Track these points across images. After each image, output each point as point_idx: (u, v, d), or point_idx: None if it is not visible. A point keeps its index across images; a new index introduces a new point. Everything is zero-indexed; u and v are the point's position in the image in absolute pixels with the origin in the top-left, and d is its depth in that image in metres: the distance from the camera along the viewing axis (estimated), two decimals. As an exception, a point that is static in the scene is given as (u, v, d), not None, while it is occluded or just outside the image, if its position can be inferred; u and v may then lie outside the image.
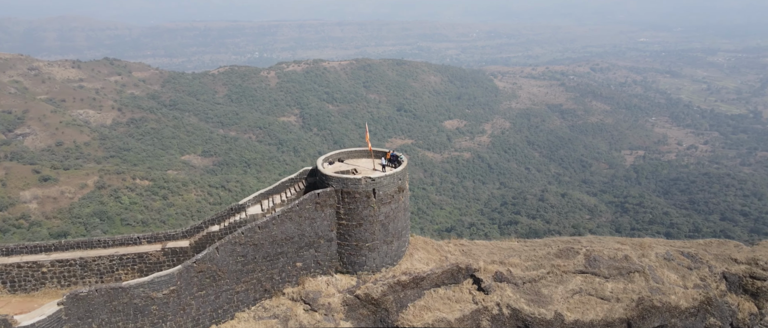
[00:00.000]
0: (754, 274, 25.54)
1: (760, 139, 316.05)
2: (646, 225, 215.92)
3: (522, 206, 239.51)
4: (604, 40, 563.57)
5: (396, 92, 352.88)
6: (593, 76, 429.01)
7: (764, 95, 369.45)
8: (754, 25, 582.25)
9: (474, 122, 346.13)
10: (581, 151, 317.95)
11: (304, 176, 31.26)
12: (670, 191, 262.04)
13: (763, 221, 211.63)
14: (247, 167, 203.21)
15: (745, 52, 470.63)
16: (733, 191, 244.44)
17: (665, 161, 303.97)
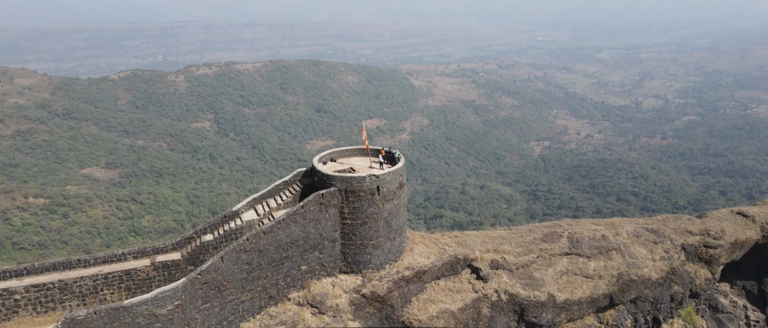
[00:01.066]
0: (707, 243, 29.75)
1: (642, 126, 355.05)
2: (556, 210, 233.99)
3: (445, 199, 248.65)
4: (507, 39, 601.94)
5: (314, 93, 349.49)
6: (500, 73, 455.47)
7: (643, 88, 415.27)
8: (631, 25, 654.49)
9: (394, 121, 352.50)
10: (495, 145, 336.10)
11: (298, 177, 30.77)
12: (574, 177, 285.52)
13: (650, 199, 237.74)
14: (160, 176, 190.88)
15: (625, 49, 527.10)
16: (624, 174, 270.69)
17: (567, 150, 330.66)
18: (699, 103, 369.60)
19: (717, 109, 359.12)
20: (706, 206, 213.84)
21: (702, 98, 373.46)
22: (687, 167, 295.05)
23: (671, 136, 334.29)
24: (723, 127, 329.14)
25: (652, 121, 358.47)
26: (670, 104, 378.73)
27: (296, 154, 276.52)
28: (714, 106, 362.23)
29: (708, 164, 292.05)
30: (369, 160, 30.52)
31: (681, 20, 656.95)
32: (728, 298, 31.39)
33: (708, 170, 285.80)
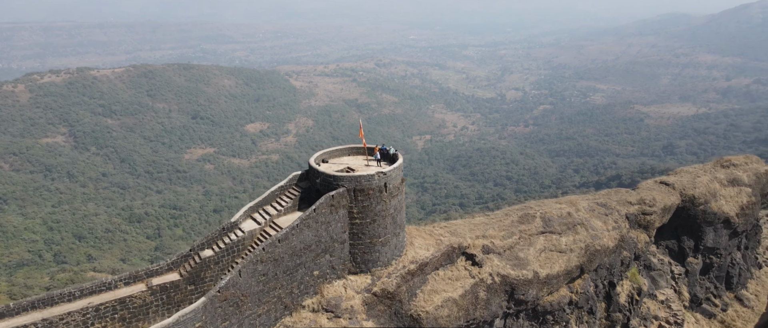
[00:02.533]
0: (644, 211, 35.04)
1: (508, 116, 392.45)
2: (444, 199, 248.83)
3: None
4: (382, 38, 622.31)
5: (188, 99, 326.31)
6: (379, 71, 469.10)
7: (505, 81, 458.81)
8: (489, 24, 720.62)
9: (277, 123, 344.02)
10: (380, 141, 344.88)
11: (294, 181, 29.83)
12: (455, 167, 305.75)
13: (522, 182, 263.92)
14: (4, 202, 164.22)
15: (486, 46, 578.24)
16: (498, 160, 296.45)
17: (447, 142, 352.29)
18: (550, 93, 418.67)
19: (564, 98, 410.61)
20: (566, 184, 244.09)
21: (552, 89, 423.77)
22: (547, 150, 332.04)
23: (532, 124, 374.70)
24: (570, 113, 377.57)
25: (515, 111, 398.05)
26: (528, 95, 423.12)
27: (173, 165, 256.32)
28: (562, 96, 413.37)
29: (562, 147, 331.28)
30: (362, 159, 30.42)
31: (529, 20, 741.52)
32: (656, 257, 37.35)
33: (563, 152, 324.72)
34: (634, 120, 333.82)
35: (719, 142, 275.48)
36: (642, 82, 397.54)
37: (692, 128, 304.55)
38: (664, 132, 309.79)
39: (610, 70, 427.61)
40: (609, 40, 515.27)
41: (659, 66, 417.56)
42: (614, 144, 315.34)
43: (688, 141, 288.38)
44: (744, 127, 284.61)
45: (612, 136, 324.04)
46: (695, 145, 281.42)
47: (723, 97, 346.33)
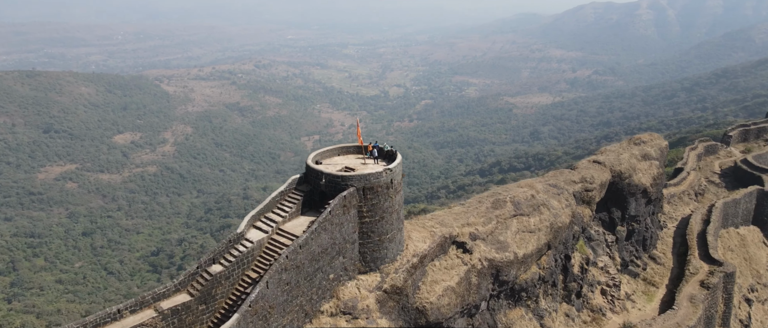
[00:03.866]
0: (586, 188, 39.22)
1: (393, 112, 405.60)
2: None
3: (229, 208, 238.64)
4: (258, 38, 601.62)
5: (36, 111, 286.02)
6: (259, 72, 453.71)
7: (387, 78, 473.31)
8: (365, 23, 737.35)
9: (151, 133, 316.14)
10: (268, 145, 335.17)
11: (293, 185, 28.16)
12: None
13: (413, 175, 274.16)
14: None
15: (365, 45, 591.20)
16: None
17: (336, 141, 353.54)
18: (430, 88, 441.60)
19: (442, 92, 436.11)
20: (453, 173, 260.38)
21: (431, 84, 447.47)
22: (432, 143, 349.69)
23: (416, 118, 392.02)
24: (449, 107, 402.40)
25: (399, 107, 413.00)
26: (410, 91, 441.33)
27: (24, 187, 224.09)
28: (440, 91, 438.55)
29: (445, 139, 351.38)
30: (353, 158, 29.85)
31: (403, 19, 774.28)
32: (593, 228, 42.10)
33: (446, 144, 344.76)
34: (504, 110, 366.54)
35: (573, 127, 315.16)
36: (507, 76, 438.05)
37: (551, 115, 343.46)
38: (529, 120, 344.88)
39: (480, 65, 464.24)
40: (476, 37, 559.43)
41: (520, 61, 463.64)
42: (490, 133, 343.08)
43: (549, 127, 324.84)
44: (590, 112, 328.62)
45: (488, 126, 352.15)
46: (555, 131, 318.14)
47: (572, 87, 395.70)
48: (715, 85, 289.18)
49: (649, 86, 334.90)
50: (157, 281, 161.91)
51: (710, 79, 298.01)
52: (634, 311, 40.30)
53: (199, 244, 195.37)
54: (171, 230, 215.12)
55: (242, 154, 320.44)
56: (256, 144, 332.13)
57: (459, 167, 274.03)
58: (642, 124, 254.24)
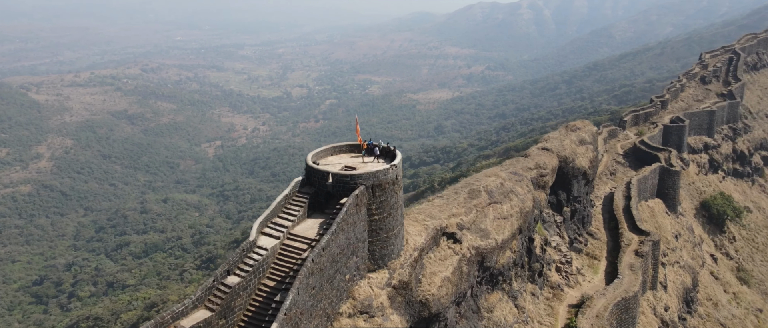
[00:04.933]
0: (541, 173, 41.87)
1: (297, 113, 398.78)
2: (250, 204, 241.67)
3: (125, 224, 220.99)
4: (143, 40, 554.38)
5: None
6: (147, 77, 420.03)
7: (288, 79, 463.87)
8: (261, 23, 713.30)
9: (20, 148, 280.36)
10: (165, 154, 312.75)
11: (296, 188, 26.76)
12: (255, 170, 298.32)
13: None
14: None
15: (263, 45, 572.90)
16: (297, 158, 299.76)
17: (241, 146, 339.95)
18: (333, 88, 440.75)
19: (346, 91, 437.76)
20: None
21: (334, 84, 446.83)
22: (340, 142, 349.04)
23: (321, 118, 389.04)
24: (355, 105, 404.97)
25: (303, 107, 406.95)
26: (313, 92, 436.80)
27: None
28: (344, 90, 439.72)
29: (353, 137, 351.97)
30: (348, 157, 29.19)
31: (300, 18, 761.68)
32: (544, 211, 45.24)
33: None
34: (408, 107, 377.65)
35: (473, 120, 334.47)
36: (408, 73, 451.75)
37: (452, 110, 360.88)
38: (433, 115, 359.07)
39: (381, 63, 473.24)
40: (375, 36, 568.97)
41: (419, 58, 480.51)
42: (397, 130, 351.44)
43: (451, 121, 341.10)
44: (487, 105, 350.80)
45: (394, 122, 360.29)
46: (457, 124, 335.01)
47: (468, 82, 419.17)
48: (588, 77, 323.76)
49: (535, 80, 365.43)
50: (43, 313, 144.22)
51: (584, 72, 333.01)
52: (585, 283, 44.14)
53: (92, 266, 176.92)
54: (56, 255, 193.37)
55: (135, 165, 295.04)
56: (151, 154, 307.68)
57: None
58: (533, 115, 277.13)
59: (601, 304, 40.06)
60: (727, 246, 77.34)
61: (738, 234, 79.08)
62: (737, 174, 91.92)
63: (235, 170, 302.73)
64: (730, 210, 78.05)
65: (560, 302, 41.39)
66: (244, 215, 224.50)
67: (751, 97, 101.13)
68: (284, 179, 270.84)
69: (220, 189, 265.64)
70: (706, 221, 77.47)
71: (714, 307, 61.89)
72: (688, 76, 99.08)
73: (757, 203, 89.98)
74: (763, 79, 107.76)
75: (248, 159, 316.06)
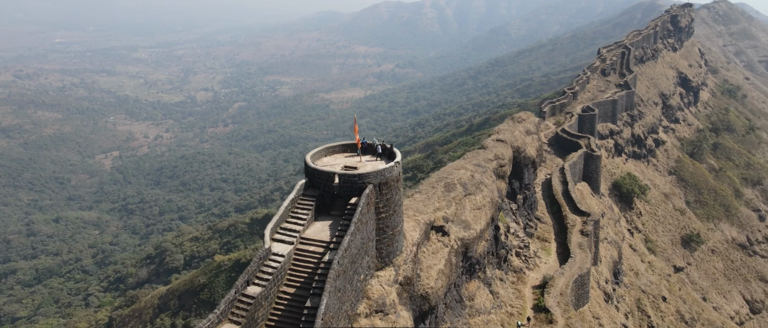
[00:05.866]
0: (500, 164, 43.56)
1: (204, 118, 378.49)
2: (159, 217, 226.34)
3: (8, 250, 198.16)
4: (12, 42, 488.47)
5: None
6: (22, 84, 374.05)
7: (191, 83, 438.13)
8: (155, 23, 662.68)
9: None
10: (51, 168, 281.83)
11: (301, 191, 25.76)
12: (161, 180, 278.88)
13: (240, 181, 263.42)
14: None
15: (159, 47, 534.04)
16: (208, 165, 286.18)
17: (143, 156, 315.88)
18: (241, 90, 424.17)
19: (256, 93, 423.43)
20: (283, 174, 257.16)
21: (242, 86, 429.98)
22: (253, 146, 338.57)
23: (231, 122, 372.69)
24: (265, 107, 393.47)
25: (210, 112, 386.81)
26: (220, 95, 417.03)
27: None
28: (253, 91, 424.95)
29: (267, 140, 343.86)
30: (342, 157, 28.25)
31: (199, 18, 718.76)
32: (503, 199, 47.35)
33: (269, 145, 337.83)
34: (321, 107, 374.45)
35: (387, 117, 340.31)
36: (318, 73, 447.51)
37: (366, 108, 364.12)
38: (347, 114, 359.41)
39: (290, 63, 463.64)
40: (281, 36, 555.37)
41: (328, 57, 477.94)
42: (311, 130, 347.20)
43: (366, 119, 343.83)
44: (400, 102, 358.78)
45: (308, 123, 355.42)
46: (372, 122, 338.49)
47: (379, 80, 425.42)
48: (492, 73, 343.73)
49: (443, 76, 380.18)
50: None
51: (488, 68, 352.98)
52: (542, 265, 47.00)
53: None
54: None
55: (16, 183, 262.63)
56: (34, 169, 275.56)
57: (287, 168, 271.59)
58: (445, 110, 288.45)
59: (562, 282, 42.98)
60: (635, 221, 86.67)
61: (643, 209, 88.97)
62: (636, 156, 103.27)
63: (138, 181, 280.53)
64: (637, 188, 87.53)
65: (524, 284, 43.70)
66: (154, 229, 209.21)
67: (641, 86, 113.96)
68: (194, 187, 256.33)
69: (122, 203, 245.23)
70: (618, 200, 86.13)
71: (635, 276, 69.17)
72: (591, 69, 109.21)
73: (653, 180, 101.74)
74: (649, 71, 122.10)
75: (153, 169, 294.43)
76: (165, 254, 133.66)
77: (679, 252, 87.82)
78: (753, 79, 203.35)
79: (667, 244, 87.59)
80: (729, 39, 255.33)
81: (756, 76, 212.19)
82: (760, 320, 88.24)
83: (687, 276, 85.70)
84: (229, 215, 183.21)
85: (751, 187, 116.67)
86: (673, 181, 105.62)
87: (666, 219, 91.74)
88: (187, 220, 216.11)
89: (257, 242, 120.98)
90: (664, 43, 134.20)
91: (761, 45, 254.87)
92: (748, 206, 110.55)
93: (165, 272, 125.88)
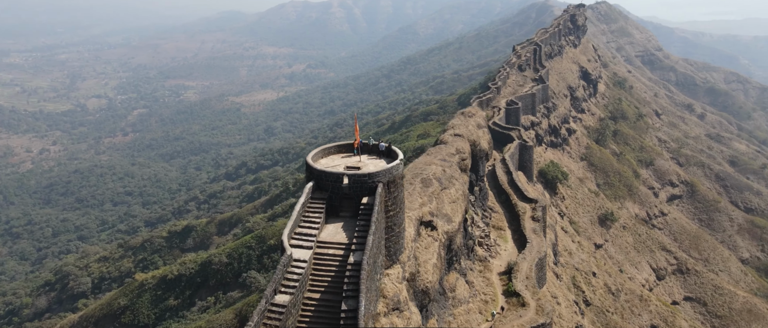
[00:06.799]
0: (463, 158, 44.39)
1: (98, 128, 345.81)
2: (53, 239, 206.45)
3: None
4: None
5: None
6: None
7: (80, 89, 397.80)
8: (29, 24, 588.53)
9: None
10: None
11: (310, 194, 24.58)
12: (52, 198, 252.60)
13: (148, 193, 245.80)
14: None
15: (37, 51, 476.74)
16: (108, 177, 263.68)
17: (26, 172, 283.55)
18: (140, 96, 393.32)
19: (157, 99, 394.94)
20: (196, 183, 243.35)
21: (140, 92, 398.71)
22: (159, 155, 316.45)
23: (131, 131, 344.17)
24: (170, 114, 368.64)
25: (106, 120, 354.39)
26: (115, 102, 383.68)
27: None
28: (154, 97, 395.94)
29: (175, 148, 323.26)
30: (340, 157, 27.12)
31: (83, 19, 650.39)
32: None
33: (177, 153, 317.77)
34: (232, 111, 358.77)
35: (303, 119, 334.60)
36: (226, 76, 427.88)
37: (280, 110, 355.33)
38: (260, 117, 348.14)
39: (194, 66, 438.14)
40: (181, 37, 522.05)
41: (235, 59, 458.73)
42: (223, 136, 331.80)
43: (281, 122, 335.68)
44: (315, 103, 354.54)
45: (219, 128, 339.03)
46: (288, 125, 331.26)
47: (291, 82, 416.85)
48: (404, 71, 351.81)
49: (357, 75, 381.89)
50: None
51: (400, 66, 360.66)
52: (503, 252, 48.94)
53: None
54: None
55: None
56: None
57: (200, 176, 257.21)
58: (362, 109, 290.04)
59: (526, 267, 45.09)
60: (560, 205, 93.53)
61: (566, 194, 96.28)
62: (553, 145, 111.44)
63: (22, 201, 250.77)
64: (560, 174, 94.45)
65: (491, 272, 45.20)
66: (48, 253, 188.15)
67: (552, 80, 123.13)
68: (94, 203, 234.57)
69: (5, 227, 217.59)
70: (545, 186, 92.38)
71: (569, 255, 74.69)
72: (509, 65, 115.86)
73: (569, 166, 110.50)
74: (557, 65, 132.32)
75: (40, 186, 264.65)
76: (67, 278, 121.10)
77: (598, 231, 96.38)
78: (634, 71, 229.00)
79: (588, 224, 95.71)
80: (611, 36, 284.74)
81: (635, 69, 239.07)
82: (665, 286, 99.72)
83: (606, 252, 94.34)
84: (140, 231, 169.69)
85: (646, 167, 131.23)
86: (585, 166, 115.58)
87: (585, 201, 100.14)
88: (88, 239, 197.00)
89: (180, 256, 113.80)
90: (567, 40, 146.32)
91: (636, 41, 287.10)
92: (644, 185, 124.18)
93: (69, 299, 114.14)
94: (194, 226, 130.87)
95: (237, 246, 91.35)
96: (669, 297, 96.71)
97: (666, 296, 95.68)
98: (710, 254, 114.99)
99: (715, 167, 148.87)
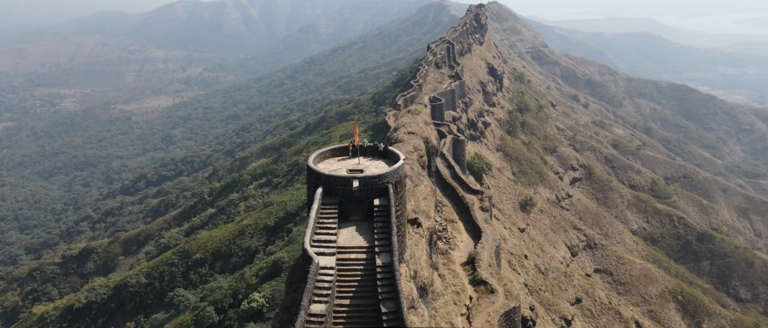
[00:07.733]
0: (421, 155, 44.07)
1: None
2: None
3: None
4: None
5: None
6: None
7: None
8: None
9: None
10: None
11: (320, 199, 22.91)
12: None
13: (26, 217, 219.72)
14: None
15: None
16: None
17: None
18: (4, 108, 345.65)
19: (26, 110, 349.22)
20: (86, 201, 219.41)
21: (5, 104, 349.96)
22: (35, 173, 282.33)
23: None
24: (45, 126, 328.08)
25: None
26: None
27: None
28: (22, 109, 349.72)
29: (54, 164, 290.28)
30: (337, 160, 25.41)
31: None
32: (416, 187, 48.39)
33: (58, 170, 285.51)
34: (121, 120, 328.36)
35: (205, 125, 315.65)
36: (110, 82, 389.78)
37: (178, 117, 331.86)
38: (155, 125, 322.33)
39: (70, 73, 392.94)
40: (51, 40, 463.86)
41: (120, 64, 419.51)
42: (113, 147, 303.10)
43: (180, 129, 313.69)
44: (216, 108, 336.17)
45: (107, 140, 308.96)
46: (188, 132, 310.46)
47: (187, 86, 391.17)
48: (309, 71, 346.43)
49: (259, 78, 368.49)
50: None
51: (304, 67, 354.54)
52: (461, 244, 49.76)
53: None
54: None
55: None
56: None
57: (90, 192, 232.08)
58: (269, 112, 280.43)
59: (486, 255, 46.26)
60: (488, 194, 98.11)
61: (490, 183, 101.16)
62: (473, 138, 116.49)
63: None
64: (485, 166, 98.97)
65: (454, 264, 45.69)
66: None
67: (466, 76, 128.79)
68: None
69: None
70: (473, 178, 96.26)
71: (504, 241, 78.43)
72: (426, 63, 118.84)
73: (488, 158, 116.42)
74: (468, 62, 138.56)
75: None
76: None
77: (520, 216, 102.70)
78: (527, 66, 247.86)
79: (511, 210, 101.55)
80: (504, 34, 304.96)
81: (527, 64, 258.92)
82: (578, 261, 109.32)
83: (528, 235, 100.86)
84: (21, 258, 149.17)
85: (551, 154, 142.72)
86: (501, 156, 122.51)
87: (506, 189, 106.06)
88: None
89: (81, 283, 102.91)
90: (473, 38, 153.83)
91: (525, 39, 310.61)
92: (551, 170, 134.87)
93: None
94: (94, 248, 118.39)
95: (157, 264, 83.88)
96: (582, 271, 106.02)
97: (580, 270, 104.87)
98: (609, 228, 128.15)
99: (603, 150, 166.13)
